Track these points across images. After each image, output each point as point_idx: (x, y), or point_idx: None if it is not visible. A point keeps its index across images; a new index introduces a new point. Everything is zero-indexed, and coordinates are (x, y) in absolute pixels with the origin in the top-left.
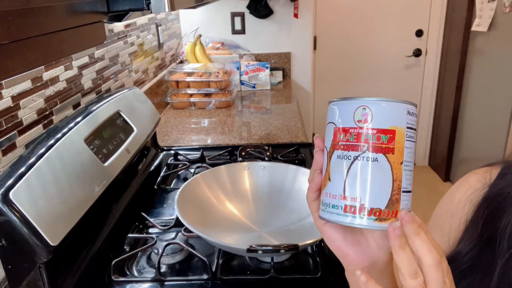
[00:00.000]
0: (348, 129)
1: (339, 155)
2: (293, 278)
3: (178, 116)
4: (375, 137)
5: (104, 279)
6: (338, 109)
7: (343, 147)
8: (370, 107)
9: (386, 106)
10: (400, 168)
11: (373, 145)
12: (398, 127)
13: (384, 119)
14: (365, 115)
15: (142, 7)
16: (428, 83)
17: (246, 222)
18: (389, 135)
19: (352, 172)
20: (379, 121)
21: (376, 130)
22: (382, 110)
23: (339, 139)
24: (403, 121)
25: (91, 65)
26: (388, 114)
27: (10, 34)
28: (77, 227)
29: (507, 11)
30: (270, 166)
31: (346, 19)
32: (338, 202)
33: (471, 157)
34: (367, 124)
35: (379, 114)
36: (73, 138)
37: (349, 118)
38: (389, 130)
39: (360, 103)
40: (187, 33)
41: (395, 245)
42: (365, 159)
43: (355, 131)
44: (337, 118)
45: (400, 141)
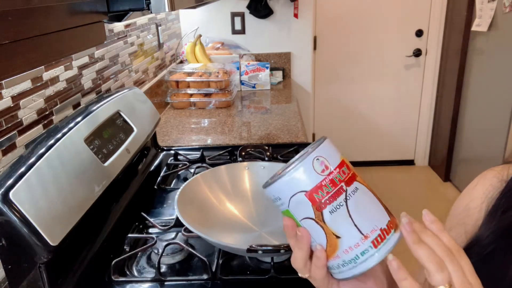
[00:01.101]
0: (320, 184)
1: (331, 210)
2: (293, 278)
3: (178, 116)
4: (341, 172)
5: (104, 279)
6: (297, 176)
7: (329, 200)
8: (320, 154)
9: (327, 146)
10: (364, 181)
11: (346, 180)
12: (342, 156)
13: (333, 156)
14: (322, 163)
15: (142, 7)
16: (428, 83)
17: (246, 222)
18: (345, 165)
19: (353, 213)
20: (332, 160)
21: (337, 167)
22: (328, 150)
23: (320, 198)
24: (338, 151)
25: (91, 65)
26: (331, 151)
27: (10, 34)
28: (77, 227)
29: (507, 11)
30: (270, 166)
31: (346, 19)
32: (364, 245)
33: (471, 157)
34: (329, 169)
35: (328, 155)
36: (73, 138)
37: (313, 176)
38: (342, 162)
39: (311, 158)
40: (187, 33)
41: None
42: (352, 194)
43: (327, 181)
44: (301, 185)
45: (348, 164)
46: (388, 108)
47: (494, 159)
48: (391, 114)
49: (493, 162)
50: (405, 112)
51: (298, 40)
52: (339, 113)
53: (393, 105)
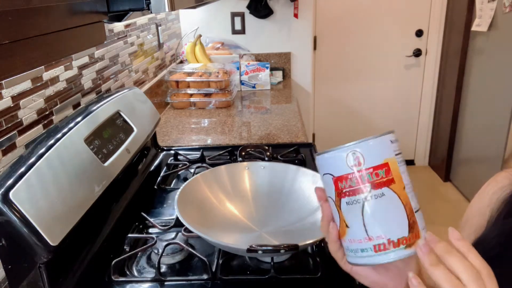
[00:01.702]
0: (346, 176)
1: (348, 202)
2: (293, 278)
3: (178, 116)
4: (374, 174)
5: (104, 279)
6: (330, 160)
7: (349, 193)
8: (359, 150)
9: (372, 144)
10: (405, 193)
11: (375, 183)
12: (389, 158)
13: (375, 156)
14: (357, 159)
15: (142, 7)
16: (428, 83)
17: (246, 222)
18: (384, 169)
19: (367, 214)
20: (371, 159)
21: (371, 168)
22: (370, 149)
23: (342, 187)
24: (391, 152)
25: (91, 65)
26: (376, 150)
27: (10, 34)
28: (77, 227)
29: (507, 11)
30: (270, 166)
31: (346, 19)
32: (365, 245)
33: (471, 157)
34: (362, 166)
35: (368, 153)
36: (73, 138)
37: (343, 166)
38: (383, 164)
39: (348, 149)
40: (187, 33)
41: (427, 265)
42: (374, 197)
43: (354, 176)
44: (332, 168)
45: (395, 169)
46: (388, 108)
47: (494, 159)
48: (391, 114)
49: (493, 162)
50: (405, 112)
51: (298, 40)
52: (339, 113)
53: (393, 105)
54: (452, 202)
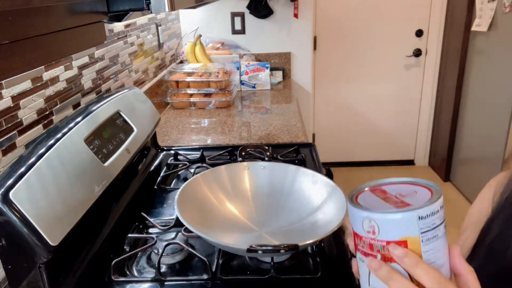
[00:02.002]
0: (361, 236)
1: (360, 258)
2: (293, 278)
3: (178, 116)
4: (386, 248)
5: (104, 279)
6: (350, 212)
7: (361, 252)
8: (375, 220)
9: (391, 219)
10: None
11: (385, 256)
12: (410, 237)
13: (392, 231)
14: (372, 227)
15: (142, 7)
16: (428, 83)
17: (246, 222)
18: (401, 246)
19: (372, 278)
20: (386, 234)
21: (385, 242)
22: (388, 223)
23: (357, 243)
24: (415, 230)
25: (91, 65)
26: (395, 226)
27: (10, 34)
28: (77, 227)
29: (507, 11)
30: (270, 166)
31: (346, 19)
32: None
33: (471, 157)
34: (376, 235)
35: (385, 227)
36: (73, 138)
37: (359, 226)
38: (399, 242)
39: (365, 215)
40: (187, 33)
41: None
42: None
43: (367, 241)
44: (352, 221)
45: (415, 248)
46: (388, 108)
47: (494, 159)
48: (391, 114)
49: (493, 162)
50: (405, 112)
51: (298, 40)
52: (339, 113)
53: (393, 105)
54: (452, 202)
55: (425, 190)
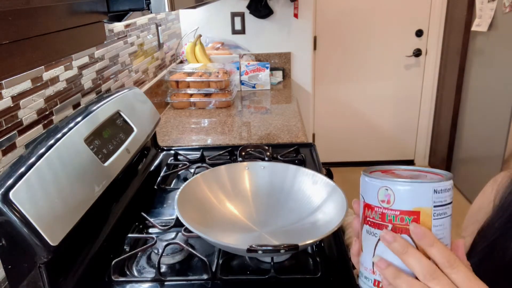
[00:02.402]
0: (373, 207)
1: (368, 230)
2: (293, 278)
3: (178, 116)
4: (399, 218)
5: (104, 279)
6: (366, 184)
7: (370, 223)
8: (392, 188)
9: (409, 188)
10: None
11: (396, 226)
12: (423, 208)
13: (407, 200)
14: (387, 196)
15: (142, 7)
16: (428, 83)
17: (246, 222)
18: (413, 216)
19: (378, 250)
20: (401, 203)
21: (399, 211)
22: (405, 192)
23: (367, 215)
24: (429, 202)
25: (91, 65)
26: (411, 195)
27: (10, 34)
28: (77, 227)
29: (507, 11)
30: (270, 166)
31: (346, 19)
32: (368, 275)
33: (471, 157)
34: (390, 205)
35: (401, 196)
36: (73, 138)
37: (373, 196)
38: (412, 212)
39: (382, 183)
40: (187, 33)
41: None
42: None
43: (379, 211)
44: (365, 193)
45: (426, 220)
46: (388, 108)
47: (494, 159)
48: (391, 114)
49: (493, 162)
50: (405, 112)
51: (298, 40)
52: (339, 113)
53: (393, 105)
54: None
55: (435, 175)
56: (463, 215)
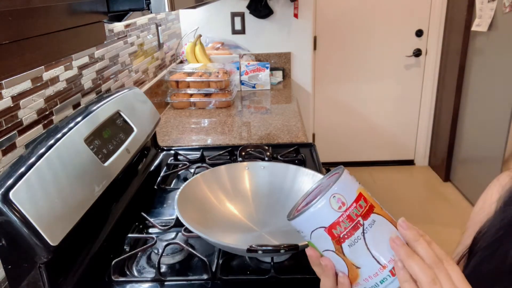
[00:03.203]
0: (337, 221)
1: (350, 244)
2: (293, 278)
3: (178, 116)
4: (358, 207)
5: (104, 279)
6: (314, 214)
7: (347, 235)
8: (337, 192)
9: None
10: (384, 211)
11: (363, 215)
12: (359, 188)
13: (349, 191)
14: (339, 200)
15: (142, 7)
16: (428, 83)
17: (246, 222)
18: (362, 199)
19: (371, 246)
20: (349, 196)
21: (354, 203)
22: (344, 186)
23: (337, 234)
24: (356, 182)
25: (91, 65)
26: (348, 185)
27: (10, 34)
28: (77, 227)
29: (507, 11)
30: (270, 166)
31: (346, 19)
32: (382, 274)
33: (471, 157)
34: (346, 205)
35: (345, 191)
36: (73, 138)
37: (330, 214)
38: (358, 196)
39: (328, 195)
40: (187, 33)
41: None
42: (369, 227)
43: (344, 217)
44: (320, 221)
45: (367, 195)
46: (388, 108)
47: (494, 159)
48: (391, 114)
49: (493, 162)
50: (405, 112)
51: (298, 40)
52: (339, 113)
53: (393, 105)
54: (452, 202)
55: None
56: (463, 215)
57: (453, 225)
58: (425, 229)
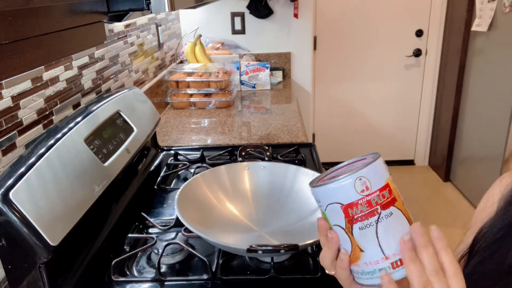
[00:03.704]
0: (356, 202)
1: (361, 227)
2: (293, 278)
3: (178, 116)
4: (381, 196)
5: (104, 279)
6: (337, 189)
7: (361, 218)
8: (364, 176)
9: (375, 168)
10: (405, 208)
11: (383, 204)
12: (388, 178)
13: (378, 178)
14: (364, 184)
15: (142, 7)
16: (428, 83)
17: (246, 222)
18: (387, 189)
19: (381, 235)
20: (376, 183)
21: (378, 191)
22: (374, 173)
23: (353, 214)
24: (387, 172)
25: (91, 65)
26: (378, 173)
27: (10, 34)
28: (77, 227)
29: (507, 11)
30: (270, 166)
31: (346, 19)
32: (383, 264)
33: (471, 157)
34: (370, 190)
35: (373, 177)
36: (73, 138)
37: (351, 193)
38: (385, 186)
39: (355, 176)
40: (187, 33)
41: (406, 258)
42: (385, 218)
43: (364, 201)
44: (339, 197)
45: (394, 188)
46: (388, 108)
47: (494, 159)
48: (391, 114)
49: (493, 162)
50: (405, 112)
51: (298, 40)
52: (339, 113)
53: (393, 105)
54: (452, 202)
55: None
56: (463, 215)
57: (453, 225)
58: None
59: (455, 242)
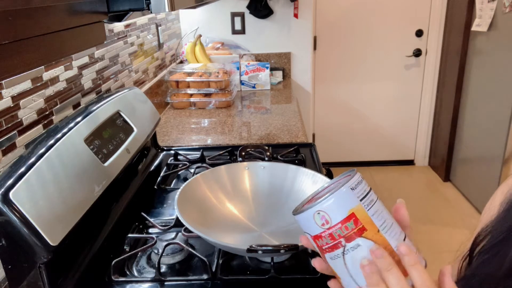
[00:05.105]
0: (320, 235)
1: (331, 257)
2: (293, 278)
3: (178, 116)
4: (343, 228)
5: (104, 279)
6: (302, 221)
7: (328, 249)
8: (321, 209)
9: (333, 200)
10: (380, 235)
11: (346, 236)
12: (354, 208)
13: (339, 210)
14: (323, 218)
15: (142, 7)
16: (428, 83)
17: (246, 222)
18: (352, 219)
19: (349, 266)
20: (336, 215)
21: (340, 223)
22: (332, 205)
23: (321, 245)
24: (354, 200)
25: (91, 65)
26: (338, 204)
27: (10, 34)
28: (77, 227)
29: (507, 11)
30: (270, 166)
31: (346, 19)
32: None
33: (471, 157)
34: (330, 223)
35: (332, 210)
36: (73, 138)
37: (314, 226)
38: (349, 216)
39: (312, 211)
40: (187, 33)
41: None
42: (351, 250)
43: (326, 234)
44: (307, 228)
45: (363, 216)
46: (388, 108)
47: (494, 159)
48: (391, 114)
49: (493, 162)
50: (405, 112)
51: (298, 40)
52: (339, 113)
53: (393, 105)
54: (452, 202)
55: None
56: (463, 215)
57: (453, 225)
58: (425, 229)
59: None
